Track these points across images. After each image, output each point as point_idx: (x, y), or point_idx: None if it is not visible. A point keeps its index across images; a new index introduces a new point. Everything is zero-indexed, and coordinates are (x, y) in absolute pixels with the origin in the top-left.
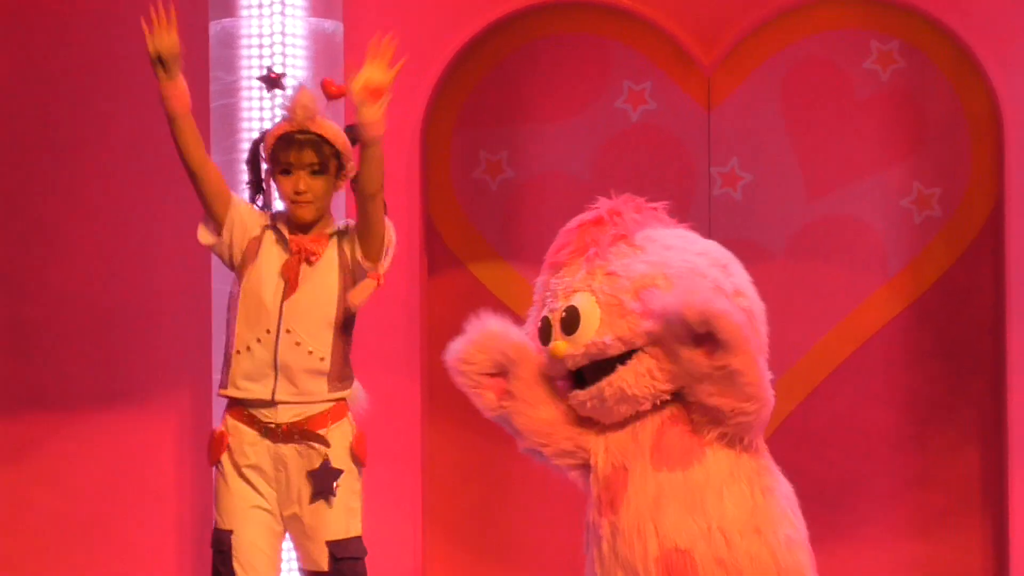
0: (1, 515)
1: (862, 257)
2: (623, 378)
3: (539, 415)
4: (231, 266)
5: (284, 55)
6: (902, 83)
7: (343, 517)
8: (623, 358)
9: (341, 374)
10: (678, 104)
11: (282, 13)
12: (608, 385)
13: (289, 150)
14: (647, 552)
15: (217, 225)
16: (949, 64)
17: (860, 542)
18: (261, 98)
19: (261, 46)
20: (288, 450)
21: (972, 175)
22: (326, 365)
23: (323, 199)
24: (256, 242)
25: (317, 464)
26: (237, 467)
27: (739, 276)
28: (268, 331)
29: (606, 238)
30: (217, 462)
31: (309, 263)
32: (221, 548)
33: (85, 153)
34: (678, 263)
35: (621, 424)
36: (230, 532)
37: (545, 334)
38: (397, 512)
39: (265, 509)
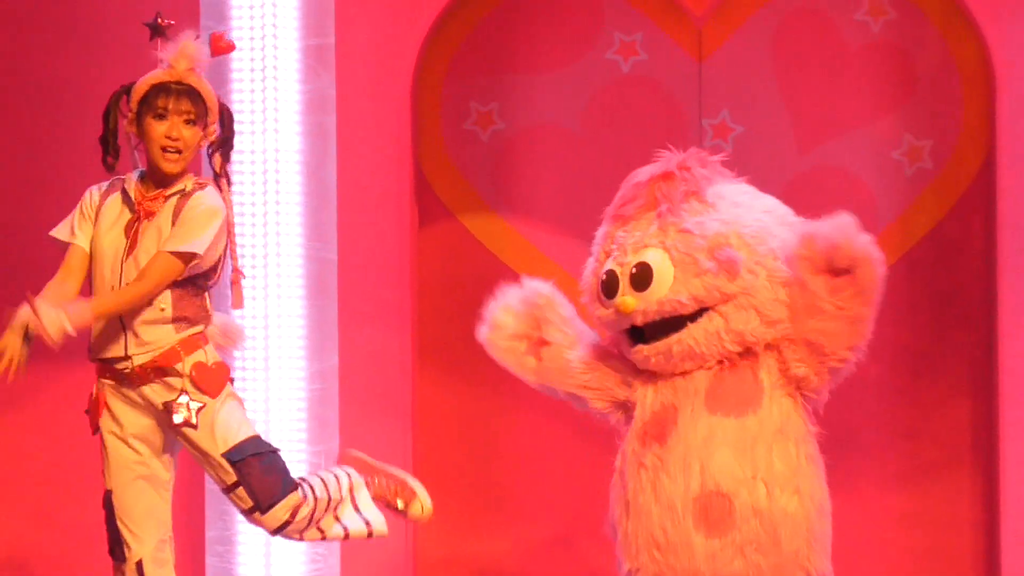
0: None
1: (852, 209)
2: (693, 335)
3: (577, 355)
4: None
5: (275, 4)
6: (893, 34)
7: (226, 430)
8: (694, 315)
9: (190, 318)
10: (669, 55)
11: None
12: (677, 342)
13: (166, 96)
14: (688, 489)
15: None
16: (940, 15)
17: (851, 495)
18: (251, 48)
19: None
20: (149, 390)
21: (963, 127)
22: (168, 314)
23: (190, 152)
24: (95, 212)
25: (175, 396)
26: (114, 432)
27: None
28: (112, 288)
29: (678, 194)
30: (96, 427)
31: (148, 221)
32: (105, 506)
33: None
34: (750, 221)
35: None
36: (110, 492)
37: (611, 287)
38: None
39: (143, 466)
